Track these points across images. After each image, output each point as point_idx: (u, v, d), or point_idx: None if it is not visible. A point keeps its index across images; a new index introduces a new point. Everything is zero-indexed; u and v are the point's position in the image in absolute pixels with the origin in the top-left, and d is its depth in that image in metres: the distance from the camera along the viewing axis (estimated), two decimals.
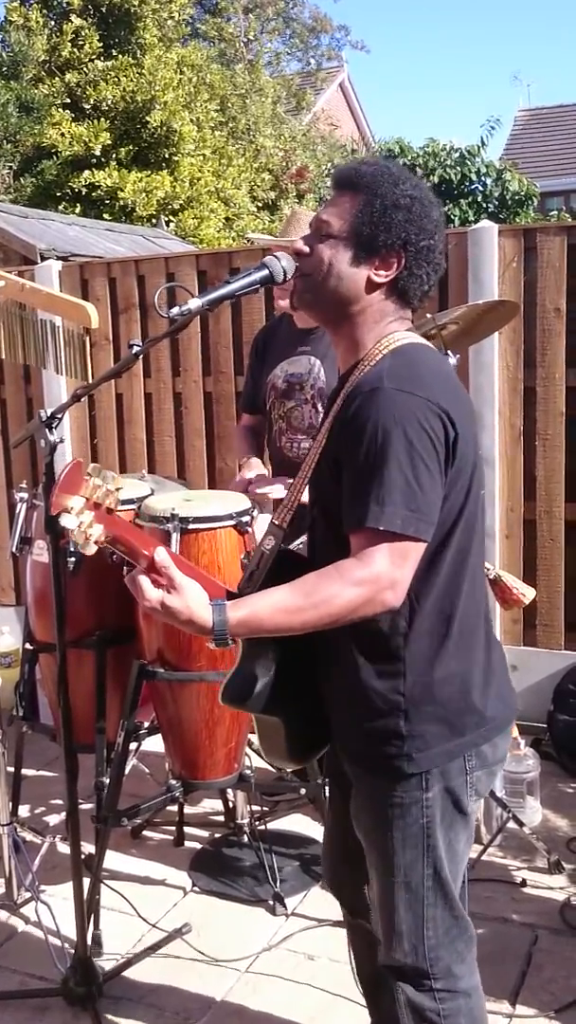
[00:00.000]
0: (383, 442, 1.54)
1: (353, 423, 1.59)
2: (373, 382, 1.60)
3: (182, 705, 2.77)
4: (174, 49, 12.25)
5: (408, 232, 1.66)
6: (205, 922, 2.82)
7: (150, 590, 1.56)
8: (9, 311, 2.97)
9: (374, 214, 1.66)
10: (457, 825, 1.73)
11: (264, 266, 1.86)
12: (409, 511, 1.53)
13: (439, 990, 1.76)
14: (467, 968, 1.80)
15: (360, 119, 23.49)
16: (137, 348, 2.04)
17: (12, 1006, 2.51)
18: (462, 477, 1.64)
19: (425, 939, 1.74)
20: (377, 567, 1.53)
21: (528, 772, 3.28)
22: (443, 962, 1.76)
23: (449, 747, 1.68)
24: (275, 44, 20.09)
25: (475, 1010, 1.81)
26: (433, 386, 1.61)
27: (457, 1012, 1.77)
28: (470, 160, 12.46)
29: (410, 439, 1.54)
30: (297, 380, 3.07)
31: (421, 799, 1.68)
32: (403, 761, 1.67)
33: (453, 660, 1.68)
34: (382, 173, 1.69)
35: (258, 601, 1.57)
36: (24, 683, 3.14)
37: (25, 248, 5.80)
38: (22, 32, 11.35)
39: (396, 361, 1.63)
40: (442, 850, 1.71)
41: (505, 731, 1.78)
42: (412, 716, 1.66)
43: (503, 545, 3.96)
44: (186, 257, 4.64)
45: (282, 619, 1.55)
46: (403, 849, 1.71)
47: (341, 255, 1.68)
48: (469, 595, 1.70)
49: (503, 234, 3.89)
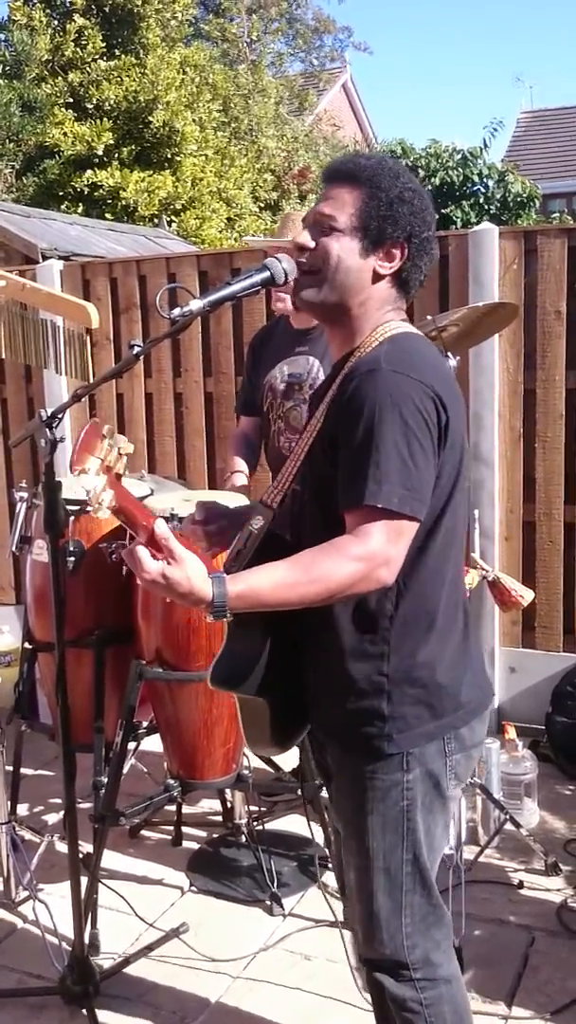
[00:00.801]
0: (379, 421, 1.56)
1: (350, 403, 1.61)
2: (370, 364, 1.63)
3: (180, 705, 2.77)
4: (177, 49, 12.25)
5: (412, 224, 1.70)
6: (202, 922, 2.82)
7: (150, 561, 1.54)
8: (10, 311, 2.97)
9: (381, 207, 1.68)
10: (435, 808, 1.75)
11: (265, 267, 1.86)
12: (405, 490, 1.55)
13: (419, 979, 1.77)
14: (445, 956, 1.81)
15: (363, 120, 23.51)
16: (138, 348, 2.05)
17: (9, 1004, 2.51)
18: (451, 461, 1.67)
19: (403, 927, 1.75)
20: (374, 543, 1.54)
21: (526, 774, 3.28)
22: (420, 950, 1.77)
23: (429, 728, 1.71)
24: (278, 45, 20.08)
25: (457, 997, 1.82)
26: (426, 371, 1.64)
27: (439, 1000, 1.78)
28: (472, 162, 12.45)
29: (405, 419, 1.57)
30: (296, 380, 3.07)
31: (402, 781, 1.70)
32: (383, 741, 1.70)
33: (435, 644, 1.71)
34: (382, 167, 1.71)
35: (257, 575, 1.58)
36: (23, 682, 3.15)
37: (27, 247, 5.79)
38: (25, 31, 11.35)
39: (393, 347, 1.67)
40: (421, 835, 1.73)
41: (482, 715, 1.81)
42: (394, 697, 1.69)
43: (502, 547, 3.96)
44: (187, 257, 4.65)
45: (280, 593, 1.56)
46: (383, 833, 1.72)
47: (349, 248, 1.70)
48: (452, 581, 1.74)
49: (504, 236, 3.89)
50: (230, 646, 1.68)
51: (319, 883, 2.95)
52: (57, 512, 2.30)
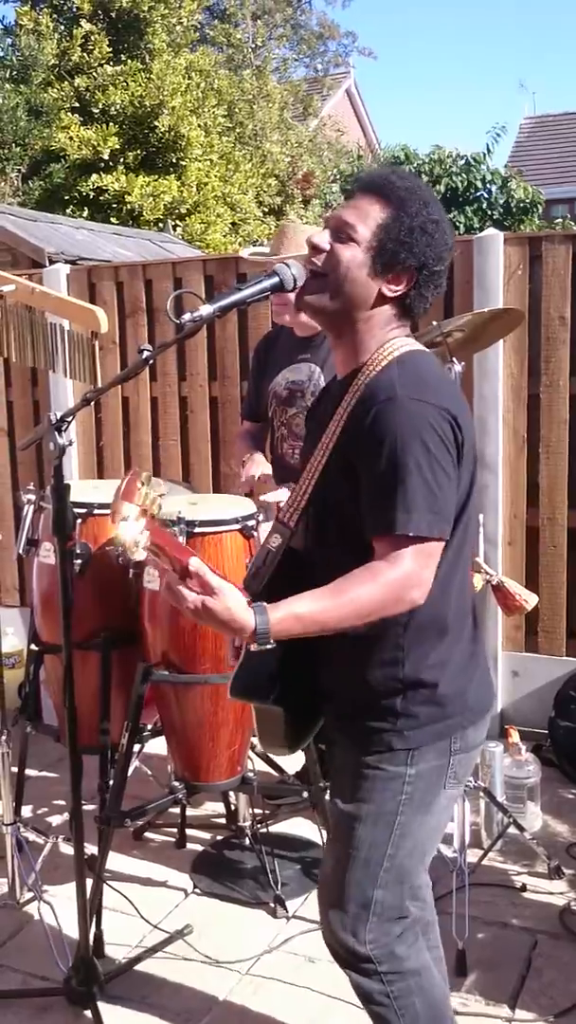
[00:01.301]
0: (403, 451, 1.62)
1: (372, 433, 1.65)
2: (387, 391, 1.66)
3: (186, 708, 2.79)
4: (183, 54, 12.30)
5: (427, 257, 1.72)
6: (206, 924, 2.83)
7: (190, 594, 1.61)
8: (19, 314, 2.99)
9: (401, 232, 1.70)
10: (433, 809, 1.79)
11: (275, 273, 1.88)
12: (432, 514, 1.62)
13: (384, 972, 1.80)
14: (411, 948, 1.83)
15: (366, 125, 23.54)
16: (147, 353, 2.07)
17: (14, 1005, 2.53)
18: (465, 475, 1.72)
19: (367, 920, 1.78)
20: (406, 568, 1.61)
21: (529, 778, 3.29)
22: (382, 944, 1.79)
23: (439, 727, 1.76)
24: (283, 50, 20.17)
25: (429, 989, 1.84)
26: (440, 392, 1.69)
27: (408, 992, 1.81)
28: (475, 167, 12.47)
29: (427, 446, 1.62)
30: (298, 387, 3.09)
31: (404, 775, 1.75)
32: (394, 736, 1.74)
33: (446, 647, 1.76)
34: (414, 191, 1.72)
35: (296, 603, 1.64)
36: (29, 684, 3.16)
37: (34, 251, 5.83)
38: (32, 36, 11.40)
39: (404, 369, 1.70)
40: (410, 833, 1.77)
41: (486, 717, 1.86)
42: (409, 695, 1.75)
43: (506, 552, 3.97)
44: (193, 262, 4.67)
45: (320, 619, 1.62)
46: (374, 825, 1.76)
47: (359, 262, 1.72)
48: (460, 587, 1.79)
49: (508, 242, 3.91)
50: (249, 659, 1.71)
51: None
52: (65, 516, 2.31)
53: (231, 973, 2.62)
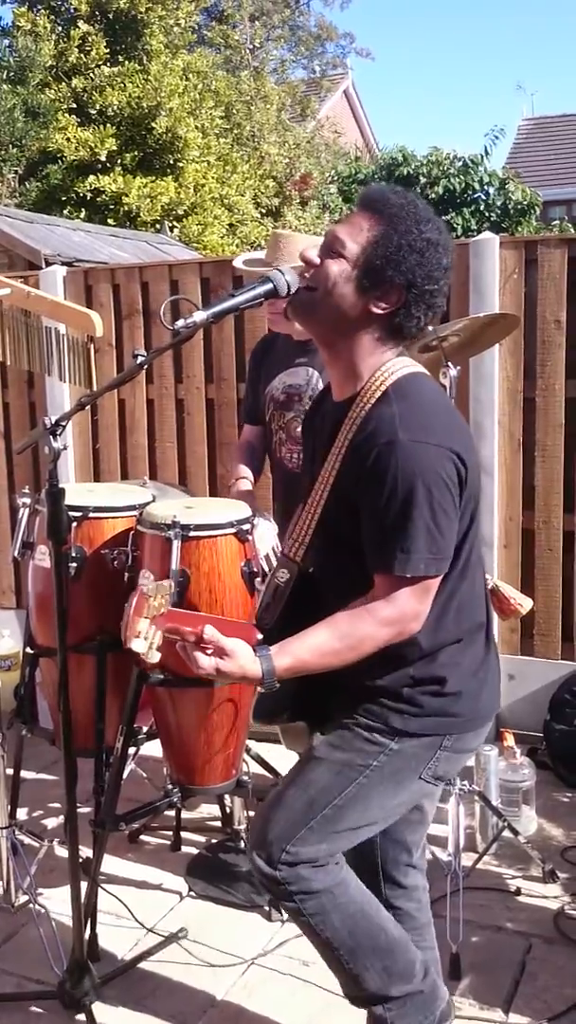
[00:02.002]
0: (405, 495, 1.67)
1: (373, 474, 1.69)
2: (388, 434, 1.68)
3: (181, 711, 2.79)
4: (180, 56, 12.32)
5: (416, 275, 1.71)
6: (201, 927, 2.84)
7: (205, 660, 1.72)
8: (14, 317, 2.99)
9: (389, 249, 1.70)
10: (399, 789, 1.85)
11: (269, 280, 1.89)
12: (431, 555, 1.69)
13: (295, 892, 1.85)
14: (319, 870, 1.85)
15: (364, 126, 23.57)
16: (141, 358, 2.07)
17: (8, 1008, 2.52)
18: (470, 503, 1.79)
19: (286, 850, 1.83)
20: (403, 606, 1.72)
21: (524, 781, 3.29)
22: (288, 867, 1.84)
23: (440, 720, 1.83)
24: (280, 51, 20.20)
25: (345, 904, 1.88)
26: (442, 429, 1.72)
27: (322, 909, 1.86)
28: (473, 169, 12.49)
29: (430, 490, 1.67)
30: (296, 391, 3.09)
31: (386, 747, 1.82)
32: (393, 715, 1.82)
33: (458, 651, 1.84)
34: (408, 208, 1.72)
35: (299, 647, 1.74)
36: (24, 686, 3.16)
37: (30, 253, 5.83)
38: (29, 37, 11.42)
39: (404, 405, 1.71)
40: (363, 799, 1.82)
41: (487, 725, 1.93)
42: (417, 688, 1.83)
43: (501, 555, 3.98)
44: (190, 264, 4.67)
45: (321, 660, 1.74)
46: (335, 772, 1.83)
47: (346, 276, 1.73)
48: (471, 595, 1.87)
49: (504, 246, 3.91)
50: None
51: None
52: (60, 519, 2.31)
53: (226, 976, 2.63)
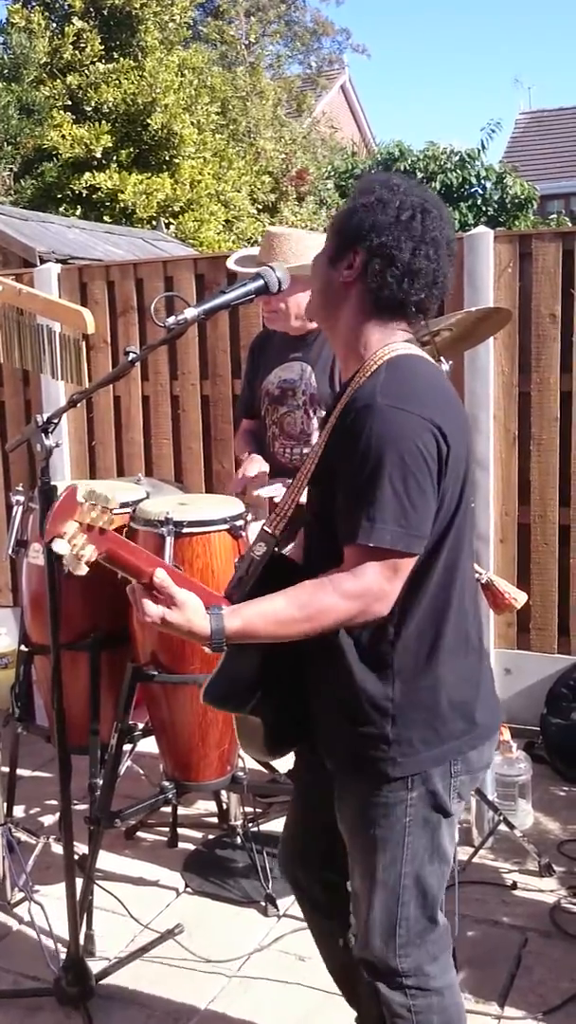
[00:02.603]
0: (376, 461, 1.58)
1: (348, 439, 1.62)
2: (367, 398, 1.62)
3: (175, 708, 2.79)
4: (175, 52, 12.26)
5: (366, 230, 1.68)
6: (197, 923, 2.84)
7: (151, 607, 1.63)
8: (7, 315, 2.99)
9: (343, 216, 1.73)
10: (442, 827, 1.76)
11: (259, 276, 1.89)
12: (399, 527, 1.57)
13: (410, 987, 1.80)
14: (439, 967, 1.83)
15: (361, 122, 23.53)
16: (133, 355, 2.07)
17: (4, 1005, 2.53)
18: (452, 491, 1.67)
19: (396, 936, 1.77)
20: (368, 581, 1.59)
21: (520, 775, 3.30)
22: (412, 959, 1.79)
23: (435, 753, 1.72)
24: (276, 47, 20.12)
25: (449, 1008, 1.84)
26: (427, 401, 1.63)
27: (428, 1009, 1.80)
28: (470, 163, 12.49)
29: (403, 457, 1.58)
30: (290, 386, 3.09)
31: (406, 799, 1.72)
32: (388, 765, 1.70)
33: (441, 667, 1.71)
34: (366, 180, 1.77)
35: (253, 610, 1.63)
36: (20, 684, 3.16)
37: (25, 251, 5.81)
38: (24, 34, 11.37)
39: (390, 375, 1.65)
40: (422, 851, 1.75)
41: (492, 738, 1.82)
42: (399, 721, 1.70)
43: (497, 549, 3.98)
44: (184, 261, 4.67)
45: (276, 629, 1.62)
46: (383, 849, 1.74)
47: (322, 258, 1.78)
48: (458, 605, 1.74)
49: (499, 240, 3.91)
50: (225, 666, 1.70)
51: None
52: None
53: (222, 972, 2.63)
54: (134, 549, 1.69)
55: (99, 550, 1.61)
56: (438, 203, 1.74)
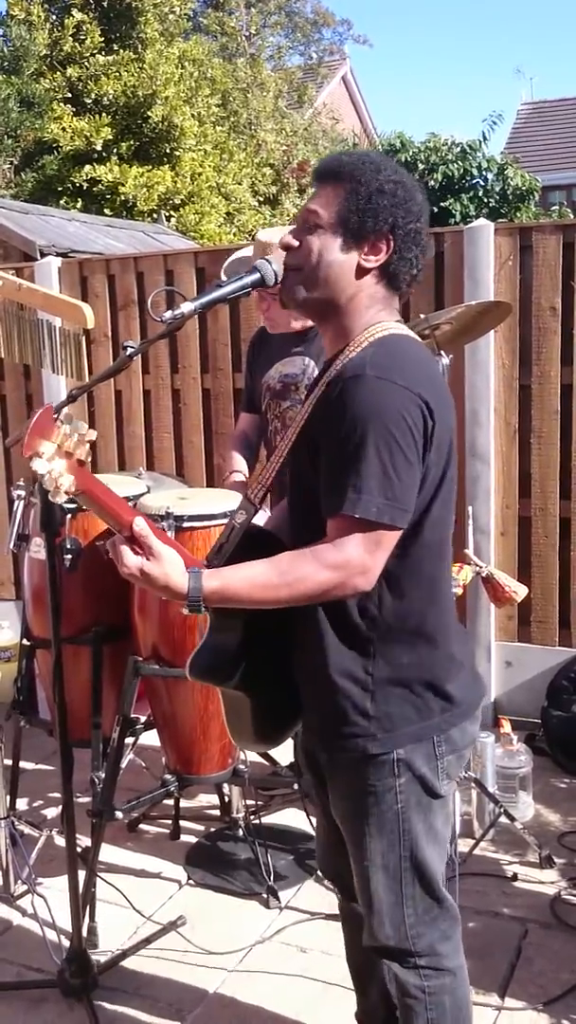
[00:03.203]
0: (362, 431, 1.57)
1: (334, 409, 1.62)
2: (355, 369, 1.63)
3: (177, 701, 2.80)
4: (176, 44, 12.24)
5: (395, 216, 1.69)
6: (200, 915, 2.85)
7: (129, 556, 1.61)
8: (7, 310, 2.99)
9: (360, 201, 1.68)
10: (434, 807, 1.78)
11: (256, 269, 1.88)
12: (385, 500, 1.56)
13: (423, 967, 1.81)
14: (452, 947, 1.84)
15: (362, 113, 23.47)
16: (131, 350, 2.07)
17: (8, 997, 2.55)
18: (436, 466, 1.67)
19: (405, 918, 1.79)
20: (350, 553, 1.57)
21: (521, 767, 3.31)
22: (425, 939, 1.80)
23: (414, 729, 1.72)
24: (277, 38, 20.04)
25: (459, 989, 1.86)
26: (413, 375, 1.63)
27: (441, 990, 1.82)
28: (472, 155, 12.43)
29: (389, 429, 1.57)
30: (292, 380, 3.09)
31: (394, 786, 1.73)
32: (368, 741, 1.71)
33: (422, 643, 1.73)
34: (363, 161, 1.72)
35: (234, 573, 1.62)
36: (22, 678, 3.18)
37: (25, 244, 5.80)
38: (23, 26, 11.34)
39: (379, 350, 1.66)
40: (418, 834, 1.76)
41: (473, 716, 1.82)
42: (379, 697, 1.71)
43: (498, 542, 3.98)
44: (185, 255, 4.66)
45: (255, 593, 1.60)
46: (379, 835, 1.75)
47: (330, 243, 1.70)
48: (438, 580, 1.75)
49: (499, 232, 3.91)
50: (211, 638, 1.71)
51: (315, 876, 2.99)
52: (53, 511, 2.32)
53: (224, 964, 2.64)
54: (113, 495, 1.66)
55: (78, 483, 1.58)
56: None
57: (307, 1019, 2.43)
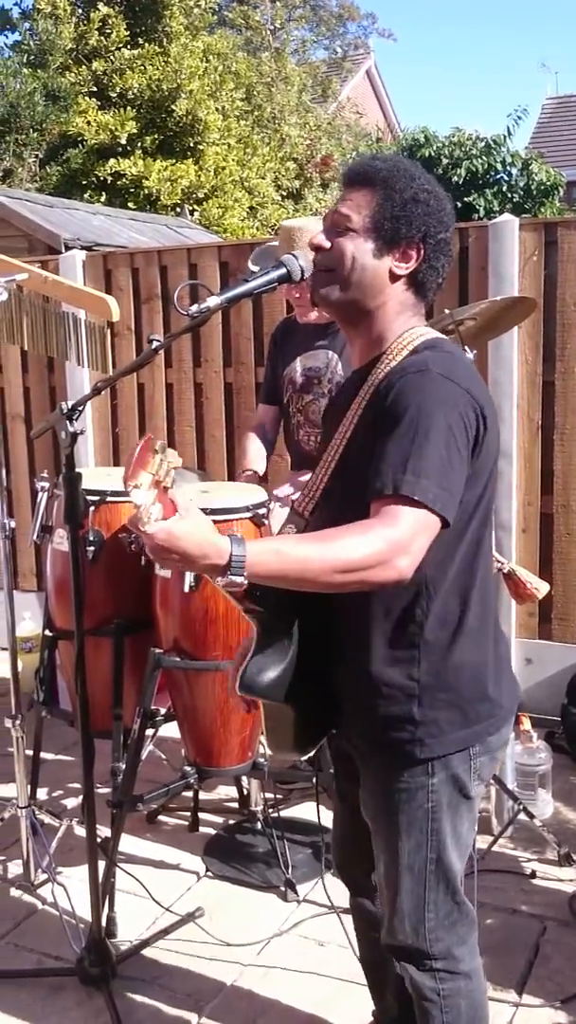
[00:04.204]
0: (427, 419, 1.58)
1: (395, 402, 1.62)
2: (419, 365, 1.64)
3: (197, 693, 2.81)
4: (200, 38, 12.25)
5: (428, 225, 1.71)
6: (218, 907, 2.87)
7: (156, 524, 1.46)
8: (33, 303, 3.01)
9: (395, 208, 1.70)
10: (462, 809, 1.77)
11: (282, 264, 1.89)
12: (442, 489, 1.55)
13: (439, 970, 1.81)
14: (468, 950, 1.84)
15: (386, 107, 23.38)
16: (156, 343, 2.07)
17: (28, 984, 2.57)
18: (484, 472, 1.69)
19: (425, 920, 1.79)
20: (402, 530, 1.52)
21: (540, 765, 3.30)
22: (443, 943, 1.80)
23: (461, 735, 1.72)
24: (302, 32, 20.01)
25: (475, 992, 1.85)
26: (471, 381, 1.67)
27: (457, 993, 1.82)
28: (496, 149, 12.34)
29: (450, 424, 1.59)
30: (315, 374, 3.09)
31: (427, 784, 1.72)
32: (415, 746, 1.71)
33: (467, 649, 1.72)
34: (396, 168, 1.73)
35: (278, 540, 1.61)
36: (44, 668, 3.20)
37: (50, 238, 5.84)
38: (49, 20, 11.39)
39: (437, 353, 1.68)
40: (446, 835, 1.75)
41: (511, 720, 1.83)
42: (425, 702, 1.70)
43: (519, 539, 3.97)
44: (208, 248, 4.67)
45: (300, 563, 1.51)
46: (408, 834, 1.75)
47: (363, 248, 1.72)
48: (482, 586, 1.75)
49: (524, 228, 3.89)
50: (259, 652, 1.68)
51: (333, 870, 2.99)
52: (77, 504, 2.33)
53: (241, 956, 2.65)
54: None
55: (164, 511, 1.50)
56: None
57: (324, 1013, 2.44)
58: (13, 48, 11.93)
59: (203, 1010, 2.47)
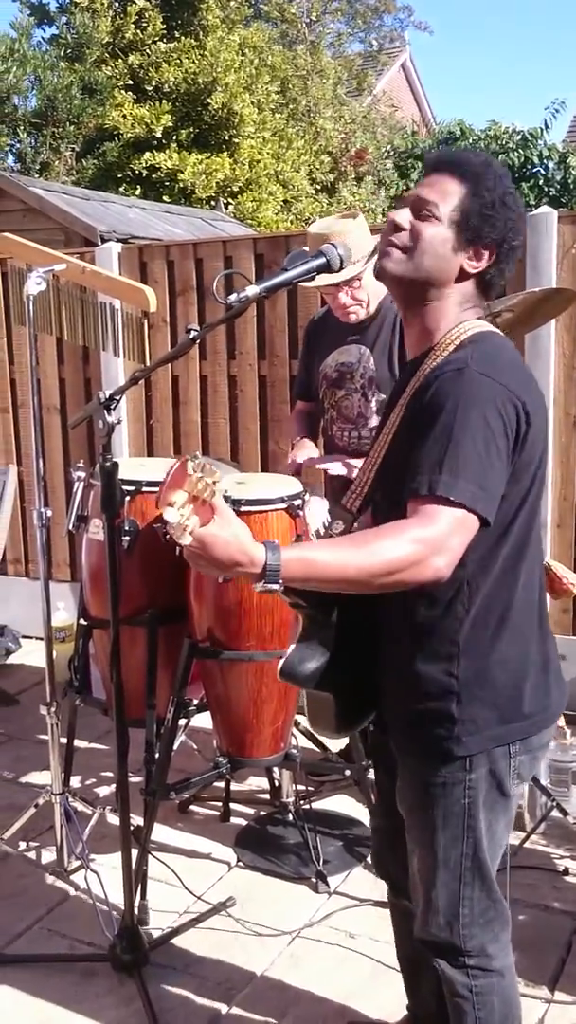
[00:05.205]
0: (463, 419, 1.56)
1: (434, 399, 1.61)
2: (458, 363, 1.63)
3: (231, 684, 2.82)
4: (236, 31, 12.26)
5: (508, 230, 1.70)
6: (249, 896, 2.87)
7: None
8: (71, 293, 3.03)
9: (483, 207, 1.68)
10: (498, 807, 1.76)
11: (321, 254, 1.88)
12: (479, 488, 1.54)
13: (472, 967, 1.80)
14: (501, 948, 1.83)
15: (422, 101, 23.23)
16: (195, 333, 2.08)
17: (61, 969, 2.59)
18: (528, 470, 1.66)
19: (460, 916, 1.78)
20: (437, 529, 1.52)
21: (573, 762, 3.27)
22: (477, 940, 1.80)
23: (499, 732, 1.71)
24: (337, 25, 19.93)
25: (507, 989, 1.85)
26: (513, 376, 1.64)
27: (490, 990, 1.81)
28: (532, 143, 12.24)
29: (488, 420, 1.57)
30: (348, 369, 3.08)
31: (464, 780, 1.72)
32: (453, 743, 1.70)
33: (507, 647, 1.71)
34: (489, 166, 1.71)
35: (311, 545, 1.62)
36: (78, 657, 3.22)
37: (86, 230, 5.87)
38: (87, 14, 11.44)
39: (480, 348, 1.66)
40: (482, 831, 1.75)
41: (555, 721, 1.81)
42: (464, 699, 1.69)
43: (555, 534, 3.94)
44: (244, 241, 4.67)
45: (334, 567, 1.52)
46: (444, 828, 1.74)
47: (443, 237, 1.69)
48: (527, 584, 1.73)
49: (563, 220, 3.85)
50: (303, 641, 1.69)
51: (364, 863, 2.99)
52: (114, 493, 2.35)
53: (272, 946, 2.66)
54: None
55: (202, 521, 1.52)
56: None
57: (355, 1004, 2.44)
58: (50, 42, 12.00)
59: (234, 999, 2.48)
